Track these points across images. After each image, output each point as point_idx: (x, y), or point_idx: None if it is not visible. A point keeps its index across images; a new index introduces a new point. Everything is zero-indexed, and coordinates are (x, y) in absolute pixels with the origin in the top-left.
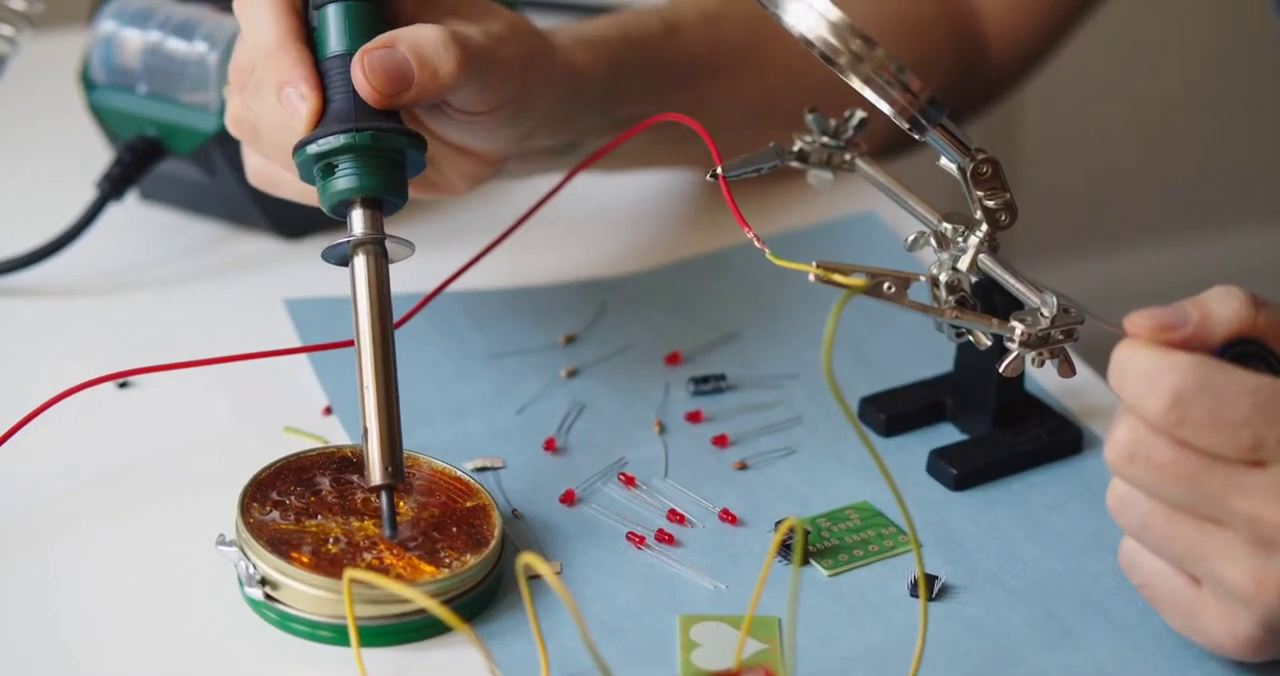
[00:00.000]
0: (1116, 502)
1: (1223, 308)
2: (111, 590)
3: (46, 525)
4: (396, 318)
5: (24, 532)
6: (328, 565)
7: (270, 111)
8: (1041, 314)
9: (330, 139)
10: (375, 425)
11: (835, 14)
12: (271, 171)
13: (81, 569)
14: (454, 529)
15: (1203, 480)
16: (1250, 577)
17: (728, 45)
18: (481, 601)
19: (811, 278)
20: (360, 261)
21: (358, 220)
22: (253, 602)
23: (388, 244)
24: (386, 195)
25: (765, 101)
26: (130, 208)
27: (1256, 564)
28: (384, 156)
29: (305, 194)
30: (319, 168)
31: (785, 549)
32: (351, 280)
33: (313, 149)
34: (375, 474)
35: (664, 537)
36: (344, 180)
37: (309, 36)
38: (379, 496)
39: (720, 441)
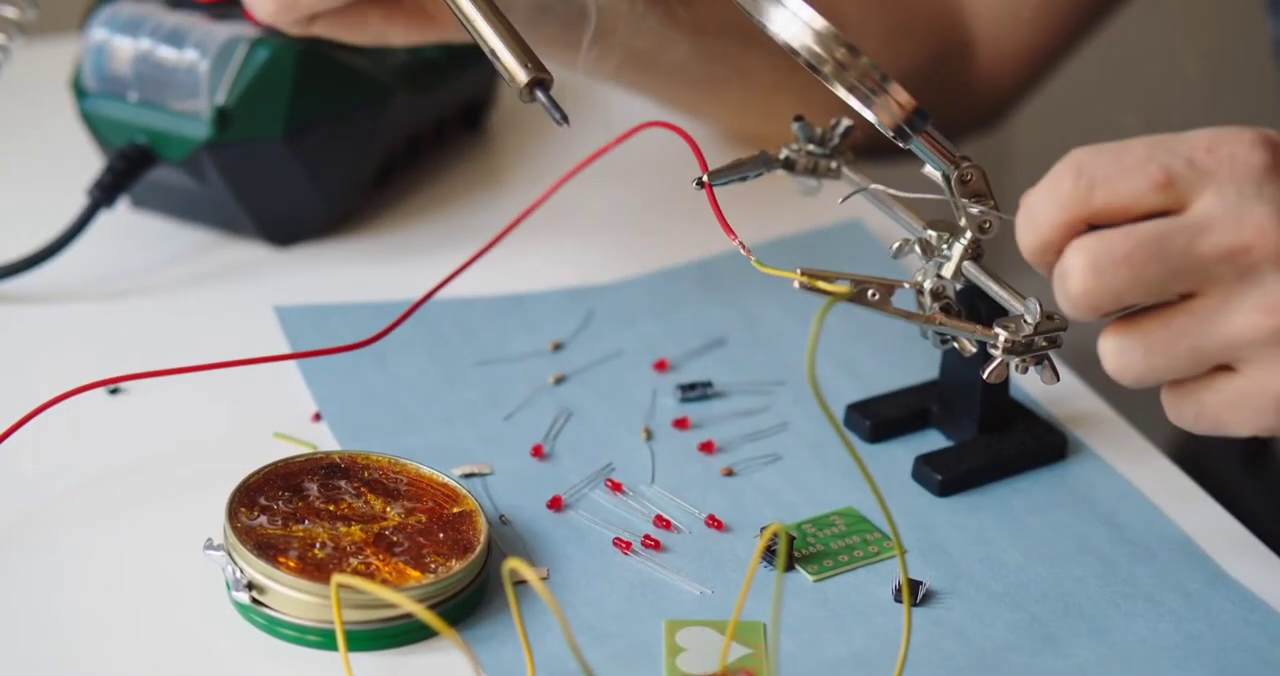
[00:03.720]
0: (1115, 363)
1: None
2: (100, 594)
3: (35, 530)
4: (383, 326)
5: (13, 537)
6: (314, 570)
7: None
8: (1025, 320)
9: None
10: (497, 39)
11: (820, 22)
12: None
13: (70, 572)
14: (440, 534)
15: (1166, 242)
16: (1261, 312)
17: None
18: (468, 606)
19: (796, 285)
20: None
21: None
22: (240, 607)
23: None
24: None
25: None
26: (121, 215)
27: (1256, 298)
28: None
29: None
30: None
31: (770, 554)
32: None
33: None
34: (519, 74)
35: (650, 543)
36: None
37: None
38: (536, 95)
39: (707, 447)
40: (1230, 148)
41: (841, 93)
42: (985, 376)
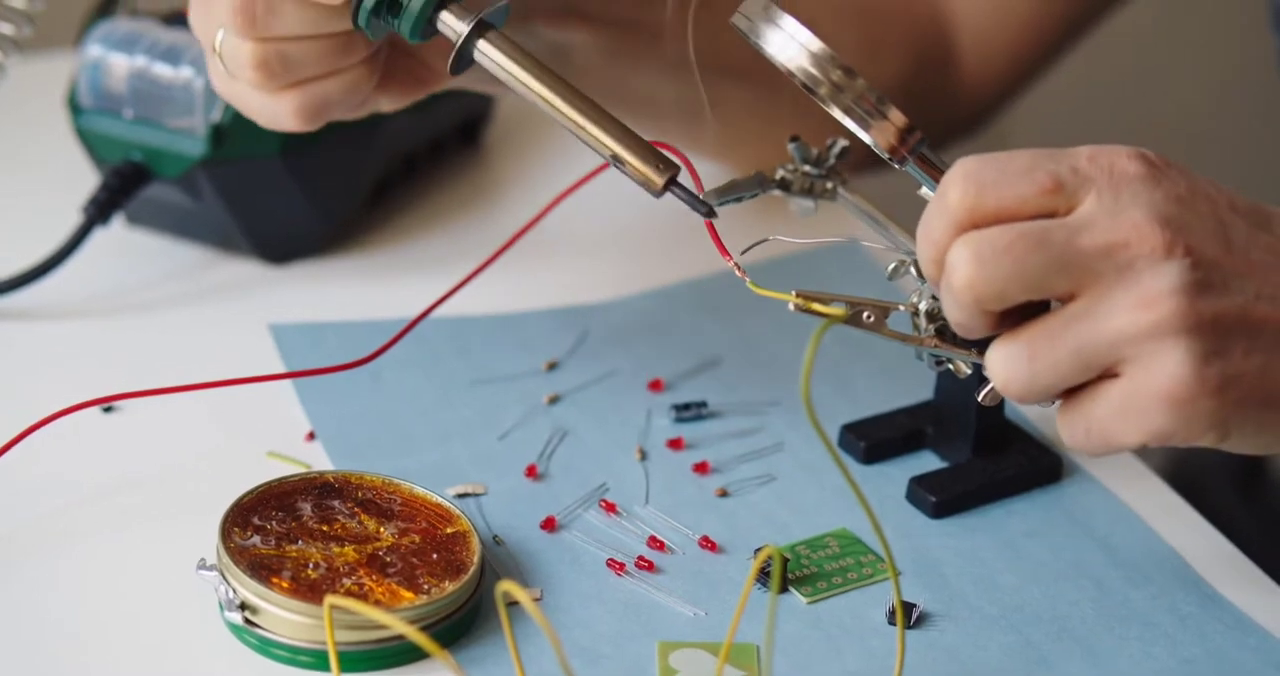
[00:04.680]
0: (1001, 373)
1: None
2: (92, 613)
3: (28, 548)
4: (378, 345)
5: (5, 555)
6: (307, 590)
7: (297, 19)
8: None
9: None
10: (618, 145)
11: (817, 45)
12: (312, 95)
13: (62, 591)
14: (434, 555)
15: (1048, 235)
16: (1138, 308)
17: None
18: (461, 627)
19: (791, 307)
20: (485, 46)
21: (451, 20)
22: (233, 627)
23: (487, 17)
24: None
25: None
26: (116, 232)
27: (1134, 294)
28: None
29: (352, 90)
30: (386, 11)
31: (764, 576)
32: (494, 66)
33: (368, 1)
34: (655, 178)
35: (644, 564)
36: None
37: None
38: (674, 191)
39: (701, 468)
40: (1109, 158)
41: (838, 114)
42: (980, 399)
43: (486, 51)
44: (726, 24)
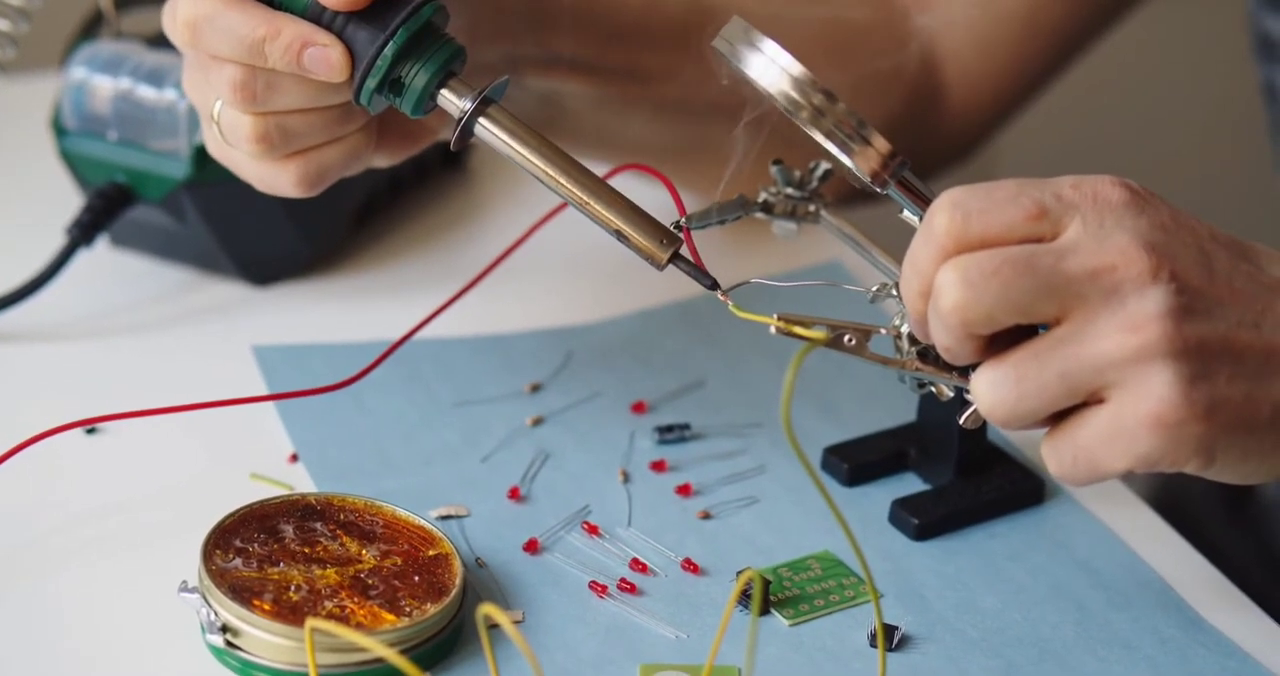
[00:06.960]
0: (988, 398)
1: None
2: (73, 635)
3: (9, 570)
4: (361, 367)
5: None
6: (288, 613)
7: (297, 94)
8: None
9: (378, 62)
10: (621, 220)
11: (797, 68)
12: (312, 163)
13: (43, 613)
14: (415, 577)
15: (1035, 260)
16: (1124, 331)
17: (664, 16)
18: (443, 650)
19: (773, 330)
20: (487, 122)
21: (452, 97)
22: (214, 650)
23: (488, 93)
24: (452, 64)
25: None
26: (100, 254)
27: (1120, 317)
28: (424, 36)
29: (352, 155)
30: (387, 89)
31: (746, 598)
32: (496, 141)
33: (371, 82)
34: (658, 253)
35: (626, 586)
36: (418, 79)
37: None
38: (677, 264)
39: (684, 490)
40: (1093, 186)
41: (819, 138)
42: (961, 422)
43: (488, 127)
44: (719, 66)
